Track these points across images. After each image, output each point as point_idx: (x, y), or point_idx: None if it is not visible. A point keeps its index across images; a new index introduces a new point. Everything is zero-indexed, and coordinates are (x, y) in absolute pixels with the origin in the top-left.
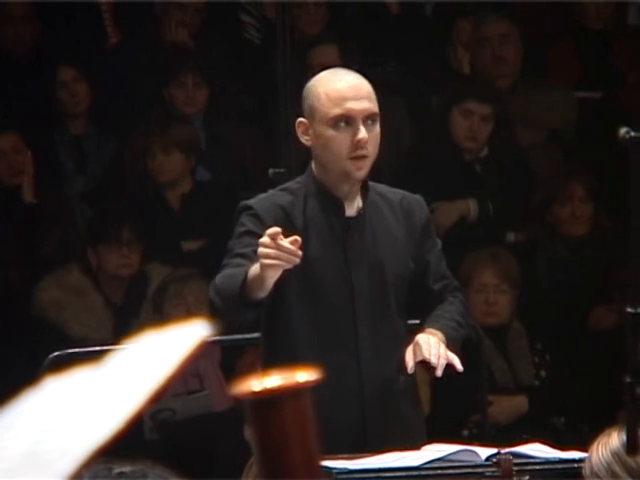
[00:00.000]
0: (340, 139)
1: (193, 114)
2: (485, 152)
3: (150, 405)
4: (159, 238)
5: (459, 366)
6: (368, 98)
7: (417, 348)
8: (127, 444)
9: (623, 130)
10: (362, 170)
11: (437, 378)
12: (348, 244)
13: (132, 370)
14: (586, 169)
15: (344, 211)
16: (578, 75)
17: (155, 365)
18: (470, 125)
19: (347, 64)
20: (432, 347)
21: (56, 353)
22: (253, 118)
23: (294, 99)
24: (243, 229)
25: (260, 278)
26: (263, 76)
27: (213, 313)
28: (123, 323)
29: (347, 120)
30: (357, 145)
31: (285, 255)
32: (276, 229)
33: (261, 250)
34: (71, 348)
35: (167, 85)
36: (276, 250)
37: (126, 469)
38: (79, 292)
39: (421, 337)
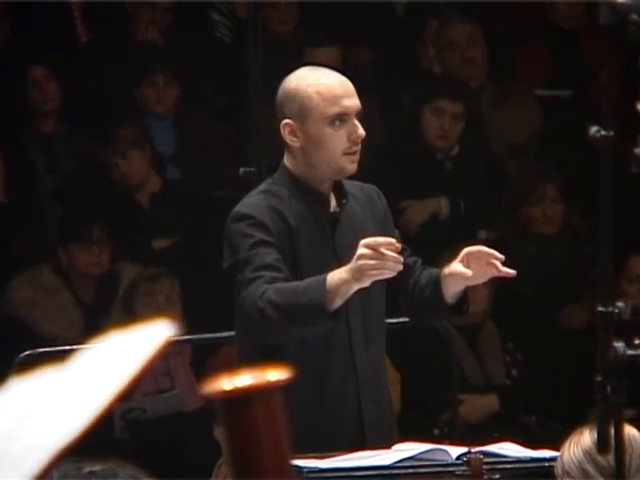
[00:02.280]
0: (337, 136)
1: (163, 113)
2: (456, 151)
3: (117, 404)
4: (129, 237)
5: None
6: (355, 94)
7: (460, 276)
8: (98, 443)
9: (593, 129)
10: (355, 164)
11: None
12: (336, 239)
13: (98, 370)
14: (558, 169)
15: (329, 207)
16: (549, 74)
17: (121, 364)
18: (441, 124)
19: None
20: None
21: (27, 352)
22: (224, 117)
23: (265, 98)
24: (253, 240)
25: (346, 287)
26: (234, 75)
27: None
28: (94, 322)
29: (342, 117)
30: (354, 141)
31: (391, 263)
32: (375, 240)
33: (364, 263)
34: (42, 347)
35: (138, 84)
36: (381, 260)
37: (96, 468)
38: (50, 291)
39: (454, 265)
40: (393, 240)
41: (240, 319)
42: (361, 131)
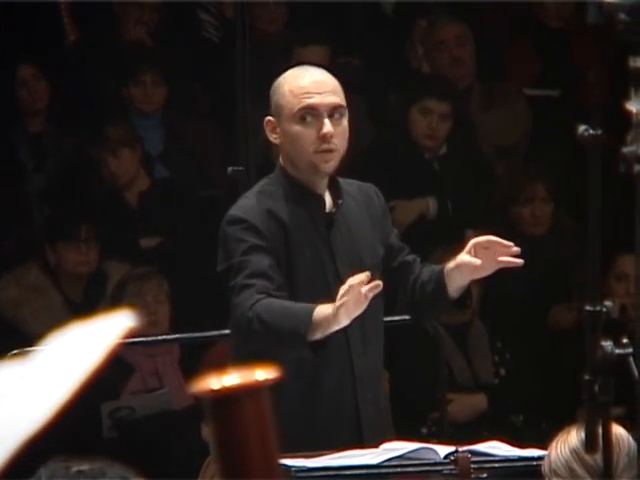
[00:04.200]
0: (306, 134)
1: (152, 112)
2: (444, 150)
3: (103, 406)
4: (117, 236)
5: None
6: (333, 92)
7: (467, 265)
8: (86, 442)
9: (581, 128)
10: (329, 163)
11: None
12: (332, 240)
13: (60, 360)
14: (547, 169)
15: (325, 207)
16: (537, 74)
17: (81, 357)
18: (429, 123)
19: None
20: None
21: (15, 351)
22: (212, 116)
23: (254, 97)
24: (246, 245)
25: (327, 324)
26: (222, 75)
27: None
28: (82, 321)
29: (313, 114)
30: (323, 139)
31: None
32: (360, 277)
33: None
34: (30, 346)
35: (126, 84)
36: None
37: (84, 467)
38: (38, 290)
39: (462, 256)
40: (364, 276)
41: (231, 322)
42: (328, 128)
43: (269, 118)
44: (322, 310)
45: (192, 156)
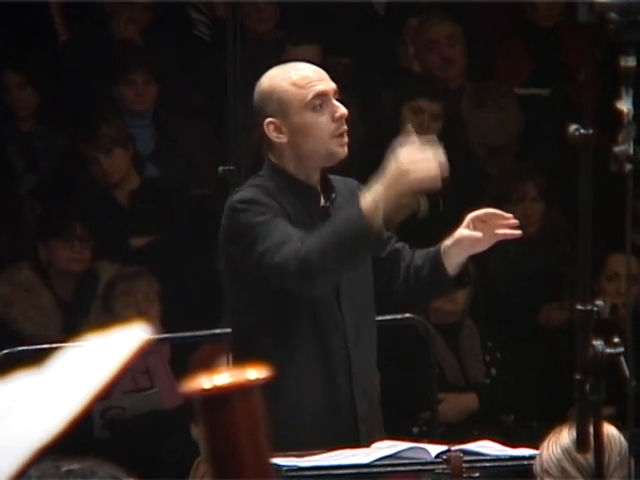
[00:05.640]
0: (322, 120)
1: (142, 111)
2: None
3: (94, 406)
4: (108, 235)
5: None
6: (328, 78)
7: (467, 239)
8: (77, 442)
9: (572, 128)
10: (345, 147)
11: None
12: None
13: (75, 371)
14: (538, 168)
15: (320, 200)
16: (528, 73)
17: (97, 367)
18: (420, 123)
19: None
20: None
21: (5, 351)
22: (203, 115)
23: (245, 97)
24: (263, 217)
25: (384, 199)
26: (213, 74)
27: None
28: (73, 321)
29: (322, 101)
30: (339, 121)
31: (433, 163)
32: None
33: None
34: (21, 345)
35: (116, 83)
36: (423, 158)
37: (75, 467)
38: (29, 289)
39: (461, 231)
40: None
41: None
42: (343, 110)
43: (270, 120)
44: (367, 198)
45: (183, 155)
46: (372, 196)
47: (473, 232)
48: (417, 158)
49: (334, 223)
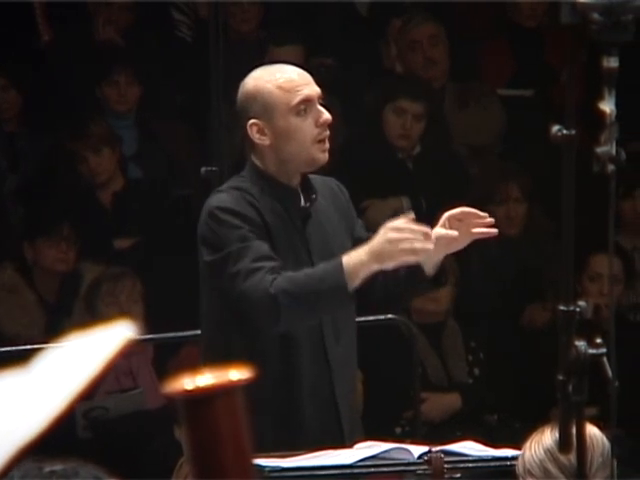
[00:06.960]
0: (305, 125)
1: (125, 112)
2: (418, 150)
3: (77, 404)
4: (91, 236)
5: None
6: (313, 82)
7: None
8: (59, 442)
9: (555, 128)
10: (326, 153)
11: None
12: (308, 234)
13: (58, 372)
14: (521, 169)
15: (300, 201)
16: (511, 73)
17: (80, 367)
18: (403, 123)
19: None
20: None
21: None
22: (185, 116)
23: (228, 97)
24: (243, 232)
25: (366, 269)
26: (196, 74)
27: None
28: (56, 321)
29: (307, 105)
30: (322, 126)
31: (419, 242)
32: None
33: (394, 241)
34: (3, 346)
35: (99, 84)
36: (410, 237)
37: (57, 467)
38: (12, 290)
39: (437, 230)
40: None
41: (213, 317)
42: (327, 115)
43: (253, 121)
44: (352, 259)
45: (166, 156)
46: (356, 260)
47: (449, 231)
48: (406, 235)
49: (311, 272)
